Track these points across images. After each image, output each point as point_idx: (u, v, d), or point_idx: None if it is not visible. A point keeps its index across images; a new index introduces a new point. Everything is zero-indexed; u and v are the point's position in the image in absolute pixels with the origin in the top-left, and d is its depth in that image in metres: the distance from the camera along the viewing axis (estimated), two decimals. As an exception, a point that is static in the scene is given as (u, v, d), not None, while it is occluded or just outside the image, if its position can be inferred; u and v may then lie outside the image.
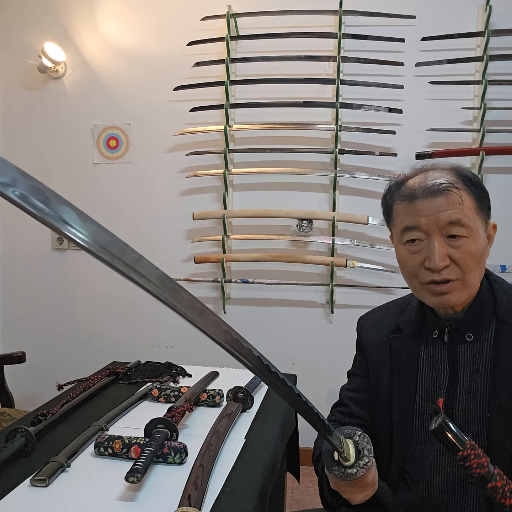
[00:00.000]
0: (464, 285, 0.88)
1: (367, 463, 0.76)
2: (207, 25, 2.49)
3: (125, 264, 0.46)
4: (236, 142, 2.57)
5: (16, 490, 0.95)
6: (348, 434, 0.79)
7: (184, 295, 0.52)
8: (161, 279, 0.49)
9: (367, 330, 1.08)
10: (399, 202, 0.91)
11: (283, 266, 2.51)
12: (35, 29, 2.69)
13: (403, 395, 0.98)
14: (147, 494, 0.96)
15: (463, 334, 0.93)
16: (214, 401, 1.43)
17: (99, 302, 2.71)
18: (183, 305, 0.52)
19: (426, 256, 0.87)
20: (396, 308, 1.07)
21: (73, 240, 0.42)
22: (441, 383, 0.95)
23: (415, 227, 0.88)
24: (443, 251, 0.85)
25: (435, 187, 0.86)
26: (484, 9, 2.30)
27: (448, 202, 0.85)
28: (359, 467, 0.76)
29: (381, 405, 1.02)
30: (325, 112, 2.46)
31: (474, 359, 0.93)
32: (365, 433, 0.80)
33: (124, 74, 2.64)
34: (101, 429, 1.21)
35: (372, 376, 1.05)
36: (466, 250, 0.85)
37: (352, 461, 0.76)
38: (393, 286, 2.37)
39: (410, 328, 1.00)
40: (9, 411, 1.94)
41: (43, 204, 0.39)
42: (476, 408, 0.91)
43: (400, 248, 0.93)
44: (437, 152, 2.28)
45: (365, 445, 0.78)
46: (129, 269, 0.46)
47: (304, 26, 2.43)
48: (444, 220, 0.85)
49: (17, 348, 2.26)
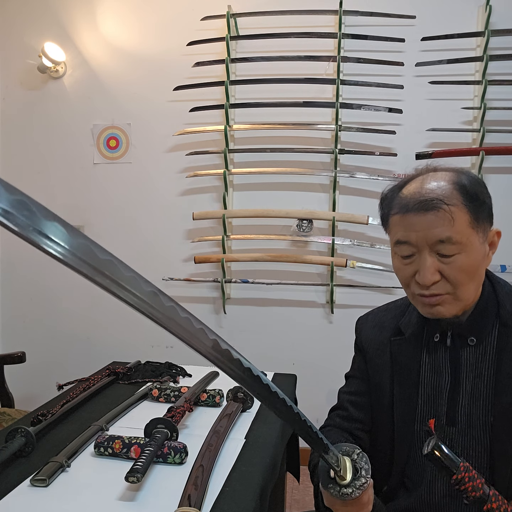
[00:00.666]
0: (455, 299, 0.86)
1: (363, 484, 0.74)
2: (207, 25, 2.49)
3: (118, 284, 0.42)
4: (236, 142, 2.57)
5: (16, 490, 0.95)
6: (346, 452, 0.77)
7: (182, 315, 0.47)
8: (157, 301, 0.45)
9: (366, 332, 1.07)
10: (393, 213, 0.90)
11: (283, 266, 2.51)
12: (35, 29, 2.69)
13: (404, 398, 0.97)
14: (147, 494, 0.96)
15: (466, 338, 0.92)
16: (214, 401, 1.43)
17: (99, 302, 2.71)
18: (182, 326, 0.47)
19: (417, 269, 0.86)
20: (397, 310, 1.05)
21: (61, 260, 0.37)
22: (443, 387, 0.94)
23: (406, 242, 0.87)
24: (433, 267, 0.84)
25: (426, 203, 0.83)
26: (484, 9, 2.30)
27: (438, 219, 0.83)
28: (355, 488, 0.74)
29: (382, 408, 1.00)
30: (325, 112, 2.46)
31: (477, 363, 0.91)
32: (365, 438, 0.79)
33: (124, 74, 2.64)
34: (101, 429, 1.21)
35: (372, 379, 1.03)
36: (457, 266, 0.84)
37: (348, 481, 0.74)
38: (393, 286, 2.37)
39: (411, 331, 0.99)
40: (9, 411, 1.94)
41: (28, 219, 0.35)
42: (479, 413, 0.90)
43: (394, 256, 0.93)
44: (437, 152, 2.28)
45: (363, 465, 0.75)
46: (122, 289, 0.43)
47: (304, 26, 2.43)
48: (433, 238, 0.83)
49: (17, 348, 2.26)
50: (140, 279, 0.43)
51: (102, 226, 2.69)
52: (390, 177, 2.35)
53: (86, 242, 0.38)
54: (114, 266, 0.41)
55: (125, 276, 0.42)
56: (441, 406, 0.94)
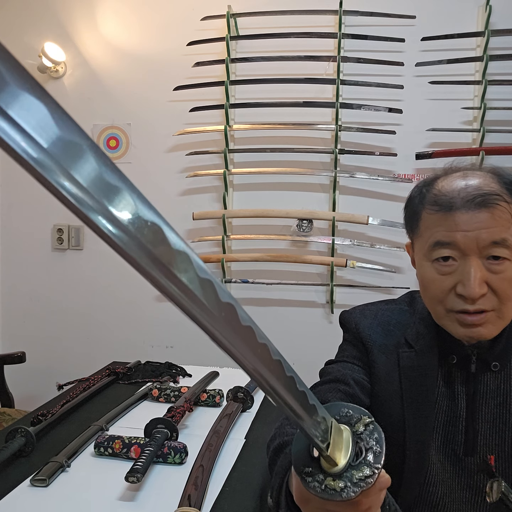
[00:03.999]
0: (499, 317, 0.75)
1: (367, 478, 0.42)
2: (207, 25, 2.49)
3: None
4: (236, 142, 2.57)
5: (16, 490, 0.95)
6: (346, 417, 0.47)
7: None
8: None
9: (370, 329, 0.92)
10: (431, 212, 0.76)
11: (283, 266, 2.51)
12: (35, 29, 2.69)
13: (420, 417, 0.83)
14: (147, 494, 0.96)
15: (489, 363, 0.82)
16: (214, 401, 1.43)
17: (99, 302, 2.71)
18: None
19: (459, 280, 0.73)
20: (401, 316, 0.92)
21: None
22: (458, 414, 0.82)
23: (450, 243, 0.73)
24: (481, 276, 0.71)
25: (480, 198, 0.72)
26: (484, 9, 2.29)
27: (494, 217, 0.71)
28: (351, 483, 0.43)
29: (390, 429, 0.81)
30: (325, 112, 2.46)
31: (498, 390, 0.81)
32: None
33: (124, 74, 2.64)
34: (101, 429, 1.21)
35: (376, 386, 0.88)
36: (507, 277, 0.72)
37: (341, 467, 0.43)
38: (393, 286, 2.37)
39: (423, 343, 0.86)
40: (9, 411, 1.94)
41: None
42: (503, 444, 0.80)
43: (425, 265, 0.78)
44: (437, 152, 2.28)
45: (372, 444, 0.45)
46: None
47: (304, 26, 2.43)
48: (486, 239, 0.71)
49: (17, 348, 2.26)
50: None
51: (102, 226, 2.69)
52: (390, 177, 2.35)
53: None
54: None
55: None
56: (457, 434, 0.83)
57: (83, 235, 2.70)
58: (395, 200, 2.36)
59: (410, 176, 2.37)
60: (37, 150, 0.21)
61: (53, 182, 0.21)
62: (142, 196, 0.25)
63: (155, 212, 0.26)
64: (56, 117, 0.21)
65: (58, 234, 2.69)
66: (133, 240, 0.24)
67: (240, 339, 0.31)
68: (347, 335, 0.99)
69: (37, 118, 0.21)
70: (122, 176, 0.24)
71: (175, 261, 0.26)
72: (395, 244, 2.34)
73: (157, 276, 0.26)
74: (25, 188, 2.70)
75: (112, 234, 0.24)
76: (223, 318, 0.29)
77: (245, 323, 0.31)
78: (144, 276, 0.26)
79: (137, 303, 2.65)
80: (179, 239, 0.27)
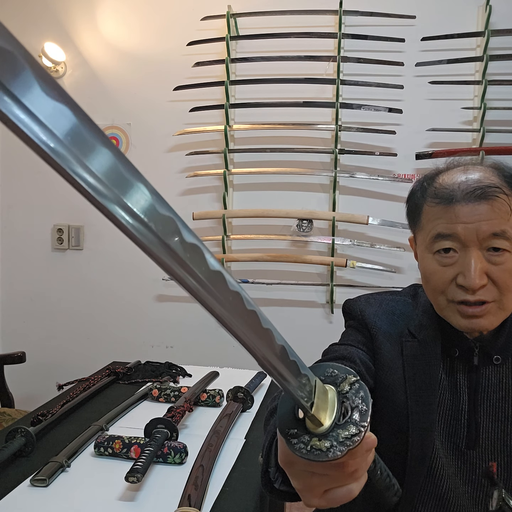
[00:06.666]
0: (500, 308, 0.76)
1: (353, 436, 0.41)
2: (207, 25, 2.49)
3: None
4: (236, 142, 2.57)
5: (16, 490, 0.95)
6: (331, 377, 0.46)
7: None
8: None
9: (375, 316, 0.91)
10: (432, 204, 0.78)
11: (283, 266, 2.51)
12: (35, 29, 2.69)
13: (422, 410, 0.83)
14: (147, 494, 0.96)
15: (491, 356, 0.83)
16: (214, 401, 1.43)
17: (99, 302, 2.71)
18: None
19: (460, 271, 0.75)
20: (405, 307, 0.92)
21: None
22: (461, 408, 0.83)
23: (451, 235, 0.75)
24: (481, 267, 0.73)
25: (479, 191, 0.73)
26: (484, 9, 2.29)
27: (494, 209, 0.73)
28: (337, 442, 0.41)
29: (393, 416, 0.84)
30: (325, 112, 2.46)
31: (501, 384, 0.82)
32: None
33: (124, 74, 2.64)
34: (101, 429, 1.21)
35: (380, 372, 0.87)
36: (507, 268, 0.73)
37: (327, 427, 0.42)
38: (393, 286, 2.37)
39: (426, 333, 0.86)
40: (9, 411, 1.94)
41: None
42: (506, 437, 0.81)
43: (427, 257, 0.80)
44: (437, 152, 2.28)
45: (358, 403, 0.43)
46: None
47: (304, 26, 2.43)
48: (486, 230, 0.73)
49: (17, 348, 2.26)
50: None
51: (102, 226, 2.68)
52: (390, 177, 2.35)
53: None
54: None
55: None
56: (460, 427, 0.84)
57: (83, 235, 2.70)
58: (395, 200, 2.37)
59: (410, 176, 2.37)
60: (54, 141, 0.22)
61: (70, 172, 0.22)
62: (155, 189, 0.27)
63: (168, 205, 0.29)
64: (72, 110, 0.22)
65: (58, 234, 2.69)
66: (149, 230, 0.26)
67: (245, 321, 0.36)
68: (351, 322, 0.98)
69: (49, 109, 0.21)
70: (135, 169, 0.26)
71: (190, 253, 0.29)
72: (395, 244, 2.34)
73: (174, 267, 0.28)
74: (25, 188, 2.70)
75: (129, 225, 0.25)
76: (231, 303, 0.33)
77: (250, 307, 0.35)
78: (162, 267, 0.28)
79: (137, 303, 2.65)
80: (192, 233, 0.30)
